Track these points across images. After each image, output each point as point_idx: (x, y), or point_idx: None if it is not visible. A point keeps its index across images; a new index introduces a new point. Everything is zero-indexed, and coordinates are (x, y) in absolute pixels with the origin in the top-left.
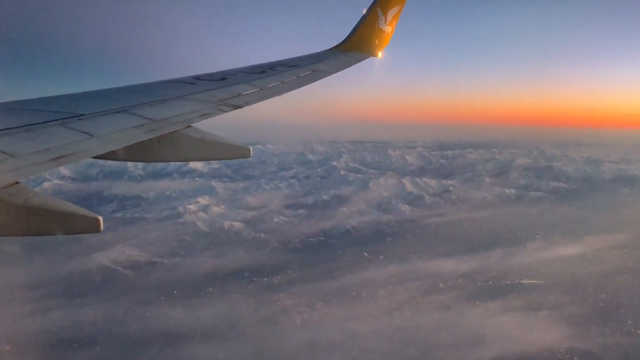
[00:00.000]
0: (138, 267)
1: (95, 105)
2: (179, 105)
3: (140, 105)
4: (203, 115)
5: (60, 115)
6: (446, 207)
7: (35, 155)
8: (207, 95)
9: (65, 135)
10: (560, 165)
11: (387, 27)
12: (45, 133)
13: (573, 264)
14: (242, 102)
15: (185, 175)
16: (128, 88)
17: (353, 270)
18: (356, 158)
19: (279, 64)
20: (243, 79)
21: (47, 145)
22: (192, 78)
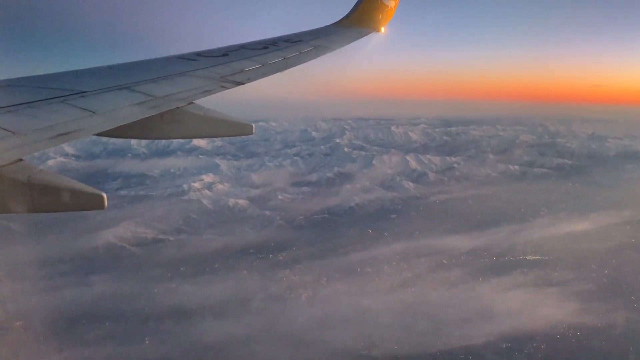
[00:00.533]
0: (145, 244)
1: (97, 82)
2: (181, 81)
3: (142, 82)
4: (205, 92)
5: (62, 92)
6: (450, 184)
7: (38, 132)
8: (208, 71)
9: (67, 112)
10: (565, 142)
11: (390, 2)
12: (47, 110)
13: (578, 241)
14: (244, 78)
15: (189, 153)
16: (129, 65)
17: (358, 247)
18: (359, 135)
19: (281, 40)
20: (245, 55)
21: (49, 122)
22: (194, 54)
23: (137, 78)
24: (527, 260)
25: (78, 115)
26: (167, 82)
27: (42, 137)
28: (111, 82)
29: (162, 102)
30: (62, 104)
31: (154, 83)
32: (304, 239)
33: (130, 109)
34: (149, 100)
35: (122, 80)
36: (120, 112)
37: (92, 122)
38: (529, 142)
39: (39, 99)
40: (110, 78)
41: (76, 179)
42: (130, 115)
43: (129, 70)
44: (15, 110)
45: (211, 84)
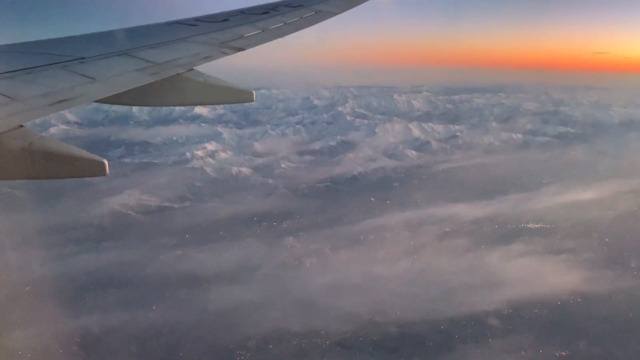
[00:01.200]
0: (150, 211)
1: (96, 48)
2: (181, 47)
3: (142, 48)
4: (205, 58)
5: (61, 58)
6: (453, 152)
7: (38, 98)
8: (208, 37)
9: (67, 78)
10: (568, 110)
11: None
12: (47, 76)
13: (583, 209)
14: (245, 44)
15: (191, 120)
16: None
17: (361, 215)
18: (362, 103)
19: (282, 4)
20: (245, 20)
21: (48, 88)
22: (193, 20)
23: (136, 44)
24: (532, 228)
25: (78, 81)
26: (167, 48)
27: (41, 103)
28: (110, 48)
29: (162, 68)
30: (61, 70)
31: (153, 49)
32: (307, 207)
33: (130, 75)
34: (149, 67)
35: (121, 46)
36: (119, 78)
37: (92, 88)
38: (532, 110)
39: (38, 65)
40: (110, 44)
41: (79, 146)
42: (130, 82)
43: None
44: (14, 76)
45: (211, 50)
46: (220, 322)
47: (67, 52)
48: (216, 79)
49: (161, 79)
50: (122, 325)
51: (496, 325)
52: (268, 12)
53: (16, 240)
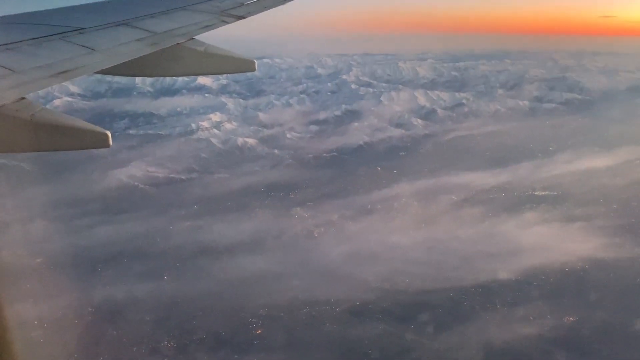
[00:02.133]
0: (157, 183)
1: (95, 18)
2: (181, 16)
3: (142, 18)
4: (205, 27)
5: (61, 29)
6: (459, 120)
7: (38, 70)
8: (209, 5)
9: (67, 49)
10: (575, 76)
11: None
12: (47, 48)
13: (598, 176)
14: (245, 12)
15: (195, 91)
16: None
17: (369, 185)
18: (366, 71)
19: None
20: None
21: (49, 60)
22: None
23: (136, 13)
24: (545, 196)
25: (78, 52)
26: (167, 18)
27: (42, 75)
28: (110, 17)
29: (162, 38)
30: (61, 41)
31: (153, 18)
32: (314, 178)
33: (130, 45)
34: (149, 37)
35: (120, 16)
36: (120, 49)
37: (92, 59)
38: (538, 76)
39: (37, 36)
40: (109, 13)
41: (83, 118)
42: (130, 52)
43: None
44: (14, 47)
45: (211, 19)
46: (230, 291)
47: (66, 23)
48: (217, 48)
49: (161, 49)
50: (132, 295)
51: (512, 293)
52: None
53: (23, 212)
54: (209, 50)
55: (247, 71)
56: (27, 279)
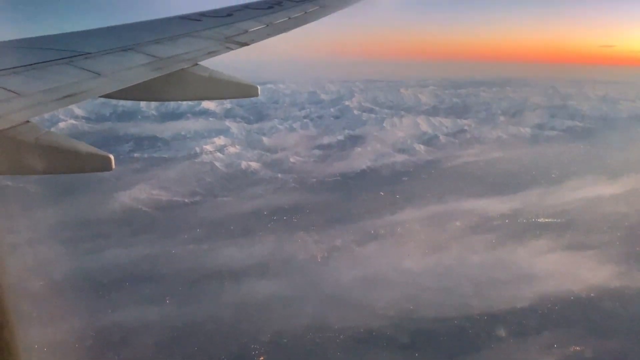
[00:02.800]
0: (161, 206)
1: (101, 43)
2: (186, 42)
3: (147, 43)
4: (210, 53)
5: (67, 53)
6: (462, 146)
7: (44, 94)
8: (213, 32)
9: (73, 74)
10: (576, 104)
11: None
12: (53, 72)
13: (604, 204)
14: (249, 39)
15: (199, 115)
16: (134, 25)
17: (371, 210)
18: (369, 97)
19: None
20: (249, 15)
21: (55, 84)
22: (198, 15)
23: (141, 39)
24: (553, 223)
25: (84, 76)
26: (172, 43)
27: (48, 98)
28: (116, 43)
29: (167, 63)
30: (67, 65)
31: (158, 44)
32: (317, 202)
33: (135, 70)
34: (154, 62)
35: (126, 42)
36: (125, 73)
37: (98, 83)
38: (539, 104)
39: (44, 60)
40: (115, 39)
41: (88, 141)
42: (136, 76)
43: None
44: (20, 71)
45: (216, 45)
46: (232, 316)
47: (72, 48)
48: (221, 74)
49: (166, 73)
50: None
51: (520, 321)
52: (272, 7)
53: (26, 234)
54: (213, 75)
55: (250, 96)
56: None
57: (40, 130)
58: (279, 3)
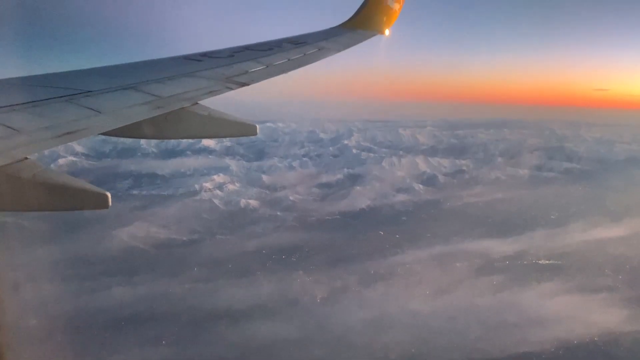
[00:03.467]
0: (158, 244)
1: (103, 82)
2: (186, 82)
3: (148, 82)
4: (210, 93)
5: (68, 91)
6: (460, 187)
7: (43, 131)
8: (214, 72)
9: (73, 111)
10: (572, 146)
11: (394, 4)
12: (53, 109)
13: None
14: (249, 79)
15: (198, 153)
16: (135, 65)
17: (371, 249)
18: (367, 137)
19: (286, 42)
20: (250, 56)
21: (54, 121)
22: (200, 55)
23: (142, 78)
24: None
25: (84, 114)
26: (173, 83)
27: (47, 135)
28: (117, 81)
29: (167, 102)
30: (67, 103)
31: (159, 83)
32: (316, 241)
33: (136, 108)
34: (154, 100)
35: (128, 80)
36: (125, 111)
37: (98, 121)
38: (536, 145)
39: (45, 98)
40: (116, 78)
41: (86, 178)
42: (136, 115)
43: (135, 70)
44: (21, 109)
45: (216, 85)
46: (229, 357)
47: (73, 86)
48: (220, 113)
49: (166, 112)
50: None
51: None
52: (272, 48)
53: (22, 272)
54: (213, 114)
55: (249, 135)
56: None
57: (38, 167)
58: (278, 45)
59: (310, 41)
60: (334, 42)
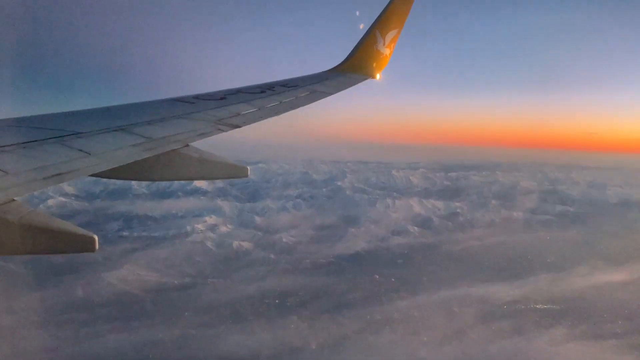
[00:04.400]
0: (149, 287)
1: (93, 124)
2: (178, 124)
3: (139, 124)
4: (201, 135)
5: (58, 133)
6: (456, 229)
7: (32, 172)
8: (205, 114)
9: (63, 153)
10: (565, 189)
11: (385, 50)
12: (42, 150)
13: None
14: (241, 121)
15: (190, 194)
16: (127, 106)
17: (366, 293)
18: (361, 178)
19: (278, 85)
20: (242, 98)
21: (43, 162)
22: (192, 97)
23: (134, 120)
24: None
25: (73, 155)
26: (164, 125)
27: (36, 177)
28: (108, 123)
29: (158, 144)
30: (57, 144)
31: (150, 125)
32: (311, 284)
33: (126, 150)
34: (145, 142)
35: (118, 122)
36: (115, 153)
37: (87, 162)
38: (529, 188)
39: (34, 139)
40: (107, 119)
41: (76, 219)
42: (126, 156)
43: (126, 112)
44: (10, 150)
45: (208, 127)
46: None
47: (63, 127)
48: (211, 155)
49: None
50: None
51: None
52: (265, 91)
53: (10, 320)
54: (204, 156)
55: (240, 177)
56: None
57: (25, 209)
58: (270, 88)
59: (302, 84)
60: (326, 85)
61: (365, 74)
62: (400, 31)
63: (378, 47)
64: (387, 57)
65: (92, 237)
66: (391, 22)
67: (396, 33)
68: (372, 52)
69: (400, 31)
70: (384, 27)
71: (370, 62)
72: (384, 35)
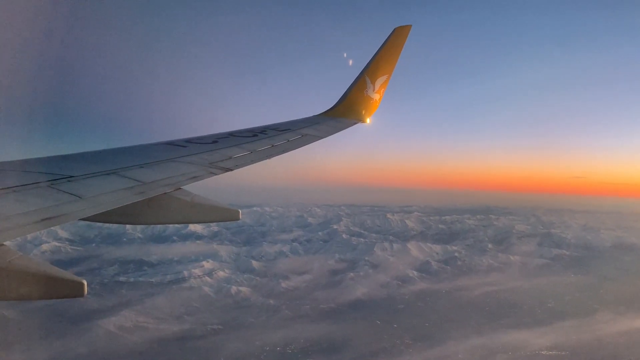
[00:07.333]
0: (146, 335)
1: (85, 167)
2: (170, 167)
3: (131, 168)
4: (193, 178)
5: (49, 176)
6: (455, 274)
7: (22, 216)
8: (197, 157)
9: (54, 197)
10: (559, 232)
11: (375, 95)
12: (33, 194)
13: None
14: (233, 164)
15: (185, 238)
16: (118, 150)
17: (369, 340)
18: (356, 222)
19: (270, 128)
20: (234, 142)
21: (34, 206)
22: (184, 141)
23: (125, 163)
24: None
25: (64, 199)
26: (156, 168)
27: (25, 221)
28: (99, 167)
29: (150, 187)
30: (48, 188)
31: (142, 169)
32: (312, 331)
33: (117, 194)
34: (137, 186)
35: (110, 166)
36: (107, 197)
37: (78, 207)
38: (524, 232)
39: (25, 183)
40: (99, 163)
41: (71, 264)
42: (117, 200)
43: (118, 155)
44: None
45: (199, 170)
46: None
47: (55, 171)
48: (203, 198)
49: (149, 198)
50: None
51: None
52: (257, 134)
53: None
54: (196, 200)
55: (233, 220)
56: None
57: (14, 254)
58: (263, 131)
59: (294, 128)
60: (317, 129)
61: (355, 118)
62: (389, 77)
63: (368, 93)
64: (376, 102)
65: (80, 282)
66: (380, 69)
67: (386, 79)
68: (362, 97)
69: (389, 77)
70: (373, 73)
71: (360, 107)
72: (373, 81)
